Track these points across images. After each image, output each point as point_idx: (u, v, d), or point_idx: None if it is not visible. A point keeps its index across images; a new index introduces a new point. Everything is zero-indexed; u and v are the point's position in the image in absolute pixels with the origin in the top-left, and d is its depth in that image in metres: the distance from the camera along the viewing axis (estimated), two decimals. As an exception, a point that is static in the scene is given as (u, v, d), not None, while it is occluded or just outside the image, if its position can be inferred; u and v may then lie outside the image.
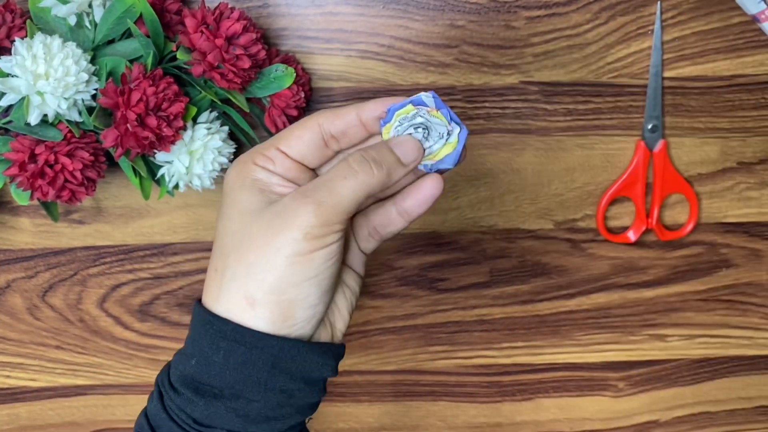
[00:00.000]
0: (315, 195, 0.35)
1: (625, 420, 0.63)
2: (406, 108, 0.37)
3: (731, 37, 0.55)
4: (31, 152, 0.46)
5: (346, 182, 0.35)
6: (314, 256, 0.35)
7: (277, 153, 0.37)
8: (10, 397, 0.59)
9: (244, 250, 0.35)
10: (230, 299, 0.35)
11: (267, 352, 0.35)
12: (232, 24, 0.46)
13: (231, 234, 0.36)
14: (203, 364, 0.36)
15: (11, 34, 0.46)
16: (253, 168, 0.37)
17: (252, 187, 0.36)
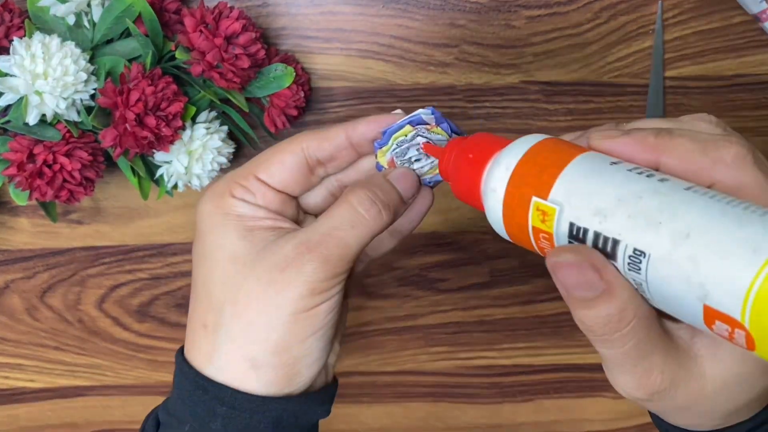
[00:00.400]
0: (320, 248, 0.31)
1: (626, 421, 0.62)
2: (404, 129, 0.34)
3: (732, 37, 0.54)
4: (29, 152, 0.46)
5: (354, 231, 0.32)
6: (319, 309, 0.32)
7: (257, 183, 0.34)
8: (8, 398, 0.59)
9: (241, 306, 0.32)
10: (228, 361, 0.33)
11: (269, 415, 0.33)
12: (232, 23, 0.46)
13: (222, 285, 0.33)
14: (198, 431, 0.33)
15: (10, 33, 0.46)
16: (231, 202, 0.33)
17: (237, 226, 0.33)
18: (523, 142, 0.29)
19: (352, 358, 0.60)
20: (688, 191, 0.25)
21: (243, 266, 0.32)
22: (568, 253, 0.26)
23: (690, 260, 0.24)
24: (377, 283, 0.58)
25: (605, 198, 0.26)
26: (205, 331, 0.33)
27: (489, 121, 0.55)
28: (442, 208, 0.57)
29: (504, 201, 0.29)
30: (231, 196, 0.33)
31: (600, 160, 0.27)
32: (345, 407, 0.61)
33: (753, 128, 0.56)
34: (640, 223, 0.25)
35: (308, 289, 0.31)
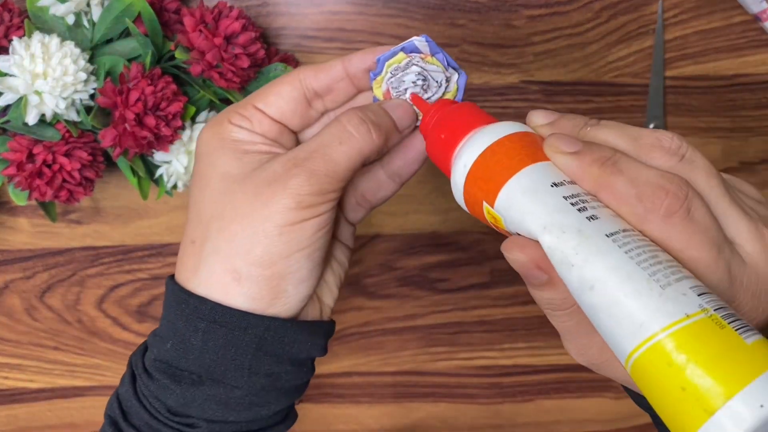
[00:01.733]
0: (308, 162, 0.31)
1: (627, 421, 0.62)
2: (397, 57, 0.33)
3: (733, 37, 0.54)
4: (29, 152, 0.46)
5: (342, 148, 0.32)
6: (306, 225, 0.32)
7: (255, 111, 0.34)
8: (8, 399, 0.59)
9: (227, 220, 0.32)
10: (212, 274, 0.32)
11: (251, 333, 0.32)
12: (231, 23, 0.46)
13: (211, 201, 0.33)
14: (180, 347, 0.32)
15: (9, 33, 0.46)
16: (229, 128, 0.33)
17: (233, 149, 0.33)
18: (486, 135, 0.30)
19: (352, 358, 0.60)
20: (609, 239, 0.26)
21: (233, 183, 0.32)
22: (516, 252, 0.28)
23: (591, 309, 0.26)
24: (377, 283, 0.58)
25: (534, 221, 0.27)
26: (192, 246, 0.33)
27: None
28: (442, 208, 0.57)
29: (464, 196, 0.30)
30: (228, 123, 0.34)
31: (543, 178, 0.28)
32: (345, 407, 0.61)
33: (753, 128, 0.56)
34: (558, 256, 0.26)
35: (294, 201, 0.31)
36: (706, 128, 0.56)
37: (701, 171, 0.30)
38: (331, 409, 0.61)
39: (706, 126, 0.56)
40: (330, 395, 0.60)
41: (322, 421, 0.61)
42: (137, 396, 0.34)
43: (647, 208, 0.27)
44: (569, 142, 0.29)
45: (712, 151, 0.57)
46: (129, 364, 0.35)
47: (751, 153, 0.57)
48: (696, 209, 0.27)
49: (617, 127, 0.30)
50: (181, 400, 0.33)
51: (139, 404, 0.33)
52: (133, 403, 0.34)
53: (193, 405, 0.33)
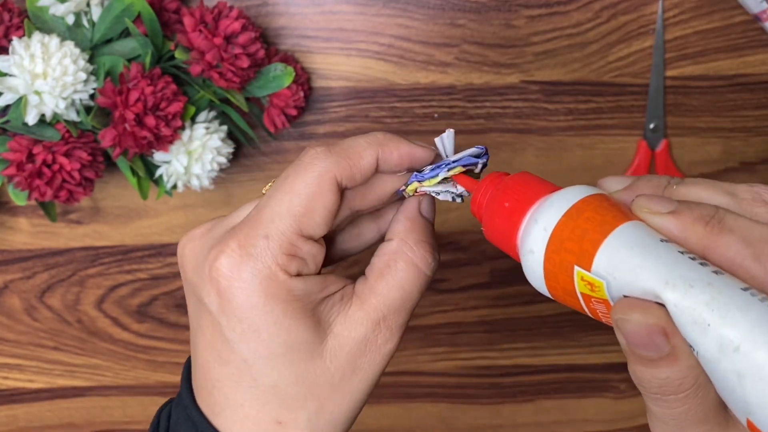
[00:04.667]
0: (388, 320, 0.31)
1: (627, 421, 0.62)
2: (434, 179, 0.31)
3: (733, 37, 0.54)
4: (28, 152, 0.46)
5: (416, 286, 0.32)
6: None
7: (305, 243, 0.28)
8: (7, 399, 0.59)
9: (323, 398, 0.30)
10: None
11: None
12: (231, 23, 0.46)
13: (291, 377, 0.29)
14: None
15: (9, 33, 0.46)
16: (285, 280, 0.27)
17: (300, 312, 0.28)
18: (564, 197, 0.27)
19: (352, 359, 0.60)
20: (745, 293, 0.22)
21: (310, 356, 0.29)
22: (637, 314, 0.24)
23: (737, 375, 0.22)
24: (377, 284, 0.58)
25: (652, 278, 0.23)
26: (279, 428, 0.30)
27: (489, 121, 0.55)
28: (443, 208, 0.57)
29: (544, 265, 0.27)
30: (283, 273, 0.27)
31: (648, 234, 0.25)
32: (345, 408, 0.61)
33: (753, 128, 0.56)
34: (687, 316, 0.23)
35: (387, 361, 0.32)
36: (706, 128, 0.56)
37: None
38: (331, 410, 0.61)
39: (706, 126, 0.56)
40: (330, 395, 0.60)
41: (322, 422, 0.61)
42: None
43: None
44: (662, 201, 0.26)
45: (712, 151, 0.57)
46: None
47: (752, 153, 0.57)
48: None
49: (707, 182, 0.28)
50: None
51: None
52: None
53: None
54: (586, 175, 0.57)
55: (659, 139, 0.56)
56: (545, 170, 0.56)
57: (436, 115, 0.55)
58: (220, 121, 0.50)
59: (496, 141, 0.55)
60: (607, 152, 0.56)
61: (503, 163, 0.56)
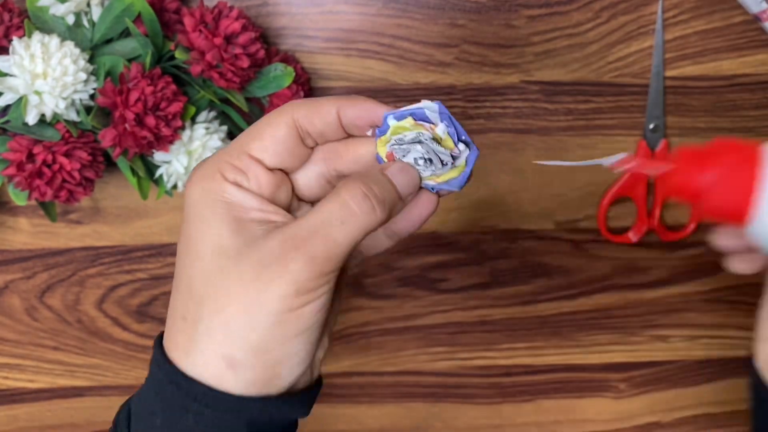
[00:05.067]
0: (307, 245, 0.30)
1: (627, 421, 0.62)
2: (403, 123, 0.32)
3: (733, 37, 0.54)
4: (29, 152, 0.46)
5: (344, 228, 0.30)
6: (305, 310, 0.30)
7: (251, 162, 0.32)
8: (8, 399, 0.59)
9: (221, 302, 0.30)
10: (205, 358, 0.31)
11: (244, 415, 0.31)
12: (231, 23, 0.46)
13: (203, 278, 0.31)
14: (170, 426, 0.32)
15: (9, 33, 0.46)
16: (222, 185, 0.31)
17: (225, 216, 0.31)
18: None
19: (352, 358, 0.60)
20: None
21: (227, 260, 0.31)
22: None
23: None
24: (377, 283, 0.58)
25: None
26: (184, 323, 0.32)
27: (489, 121, 0.55)
28: (442, 208, 0.57)
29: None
30: (223, 179, 0.31)
31: None
32: (345, 407, 0.61)
33: (753, 128, 0.56)
34: None
35: (293, 288, 0.30)
36: (706, 128, 0.56)
37: None
38: (331, 409, 0.61)
39: (706, 126, 0.56)
40: (330, 395, 0.60)
41: (322, 421, 0.61)
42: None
43: None
44: None
45: (712, 151, 0.57)
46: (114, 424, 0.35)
47: (751, 153, 0.57)
48: None
49: None
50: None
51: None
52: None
53: None
54: (586, 175, 0.57)
55: (659, 139, 0.56)
56: (545, 170, 0.56)
57: (436, 115, 0.55)
58: (220, 121, 0.50)
59: (496, 141, 0.56)
60: (607, 152, 0.56)
61: (503, 163, 0.56)
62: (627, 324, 0.60)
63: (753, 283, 0.60)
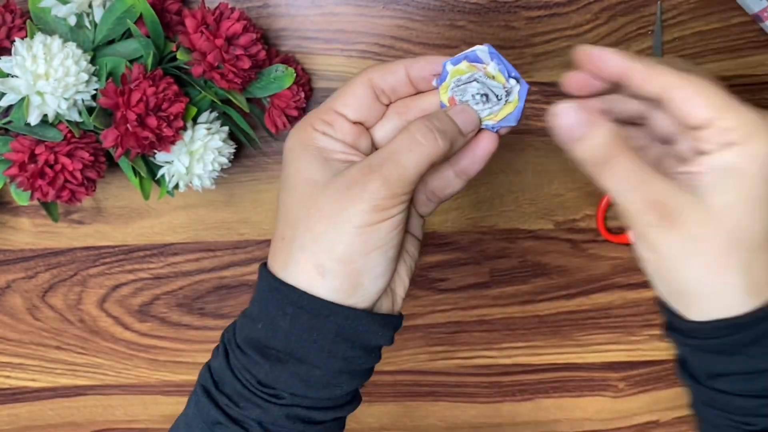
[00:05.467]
0: (382, 169, 0.35)
1: (626, 420, 0.62)
2: (459, 67, 0.37)
3: (732, 37, 0.55)
4: (31, 152, 0.46)
5: (411, 155, 0.35)
6: (381, 226, 0.35)
7: (336, 116, 0.38)
8: (10, 398, 0.59)
9: (313, 220, 0.36)
10: (299, 267, 0.36)
11: (332, 321, 0.36)
12: (232, 24, 0.46)
13: (297, 203, 0.37)
14: (269, 328, 0.36)
15: (11, 34, 0.46)
16: (313, 134, 0.37)
17: (316, 156, 0.37)
18: None
19: (353, 358, 0.60)
20: None
21: (317, 187, 0.36)
22: None
23: None
24: (377, 283, 0.58)
25: None
26: (282, 242, 0.37)
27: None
28: (442, 208, 0.57)
29: None
30: (313, 129, 0.37)
31: None
32: (345, 406, 0.61)
33: (752, 129, 0.56)
34: None
35: (371, 205, 0.35)
36: (705, 129, 0.56)
37: None
38: (331, 408, 0.61)
39: (705, 126, 0.56)
40: (330, 394, 0.61)
41: (322, 420, 0.61)
42: (230, 368, 0.37)
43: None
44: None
45: (711, 152, 0.57)
46: (222, 339, 0.39)
47: (750, 153, 0.57)
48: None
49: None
50: (269, 375, 0.37)
51: (231, 375, 0.37)
52: (227, 374, 0.37)
53: (280, 380, 0.37)
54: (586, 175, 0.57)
55: (658, 140, 0.56)
56: (544, 170, 0.56)
57: (436, 116, 0.55)
58: (221, 121, 0.51)
59: (496, 141, 0.56)
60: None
61: (503, 163, 0.56)
62: (626, 323, 0.60)
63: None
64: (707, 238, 0.33)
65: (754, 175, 0.33)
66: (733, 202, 0.33)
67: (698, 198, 0.33)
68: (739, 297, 0.34)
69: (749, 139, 0.33)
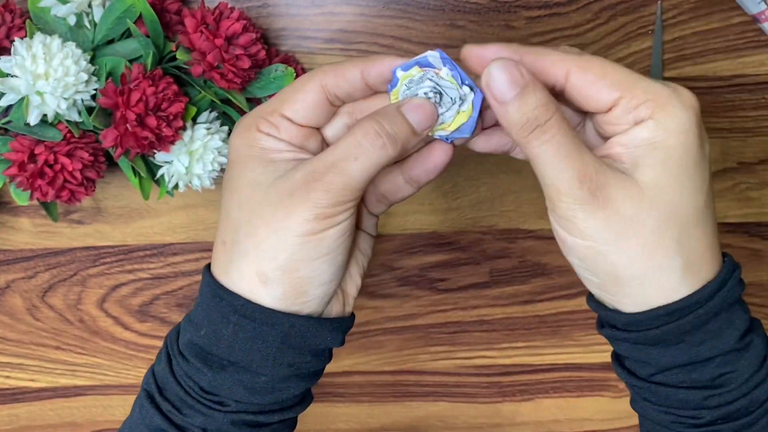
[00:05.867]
0: (325, 177, 0.33)
1: (626, 420, 0.62)
2: (410, 72, 0.35)
3: (732, 37, 0.55)
4: (30, 152, 0.46)
5: (357, 163, 0.33)
6: (326, 234, 0.34)
7: (282, 120, 0.36)
8: (9, 398, 0.59)
9: (254, 225, 0.34)
10: (241, 274, 0.35)
11: (277, 329, 0.35)
12: (232, 24, 0.46)
13: (239, 206, 0.35)
14: (212, 336, 0.36)
15: (11, 34, 0.46)
16: (257, 136, 0.36)
17: (260, 157, 0.35)
18: None
19: (352, 358, 0.60)
20: None
21: (259, 191, 0.35)
22: None
23: None
24: (377, 283, 0.59)
25: None
26: (224, 247, 0.36)
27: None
28: (442, 208, 0.57)
29: None
30: (257, 131, 0.36)
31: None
32: (345, 406, 0.61)
33: (751, 128, 0.56)
34: None
35: (314, 214, 0.33)
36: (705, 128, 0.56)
37: None
38: (331, 408, 0.61)
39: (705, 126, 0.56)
40: (330, 394, 0.61)
41: (322, 420, 0.61)
42: (173, 374, 0.37)
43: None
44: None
45: (711, 152, 0.57)
46: (165, 344, 0.38)
47: (750, 153, 0.57)
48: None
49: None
50: (212, 382, 0.36)
51: (174, 382, 0.36)
52: (169, 380, 0.37)
53: (223, 387, 0.36)
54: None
55: (658, 140, 0.56)
56: (544, 170, 0.56)
57: (436, 116, 0.55)
58: (221, 121, 0.51)
59: (496, 141, 0.56)
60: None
61: (502, 163, 0.56)
62: (626, 323, 0.60)
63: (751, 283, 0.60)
64: (639, 216, 0.32)
65: (675, 147, 0.32)
66: (660, 177, 0.32)
67: (627, 176, 0.32)
68: (676, 279, 0.33)
69: (660, 112, 0.32)
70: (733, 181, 0.57)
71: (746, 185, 0.58)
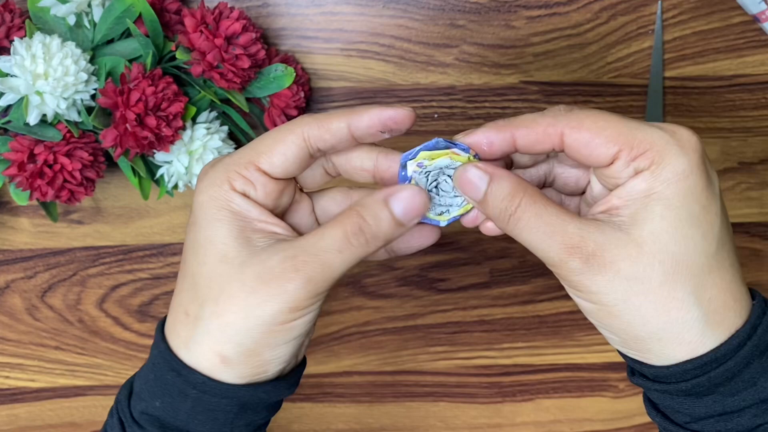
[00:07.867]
0: (306, 267, 0.32)
1: (626, 421, 0.62)
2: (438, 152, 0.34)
3: (732, 37, 0.55)
4: (30, 152, 0.46)
5: (340, 256, 0.32)
6: (295, 324, 0.33)
7: (259, 175, 0.34)
8: (9, 398, 0.59)
9: (221, 307, 0.33)
10: (202, 352, 0.34)
11: (235, 400, 0.34)
12: (232, 24, 0.46)
13: (206, 280, 0.33)
14: (169, 408, 0.35)
15: (10, 33, 0.46)
16: (230, 195, 0.33)
17: (231, 225, 0.33)
18: None
19: (352, 358, 0.60)
20: None
21: (230, 268, 0.33)
22: None
23: None
24: (377, 283, 0.58)
25: None
26: (186, 318, 0.34)
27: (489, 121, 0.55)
28: (442, 208, 0.57)
29: None
30: (230, 189, 0.33)
31: None
32: (345, 406, 0.61)
33: (752, 128, 0.56)
34: None
35: (288, 306, 0.32)
36: (705, 129, 0.56)
37: None
38: (331, 408, 0.61)
39: (705, 126, 0.56)
40: (330, 394, 0.60)
41: (322, 420, 0.61)
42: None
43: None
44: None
45: (711, 152, 0.57)
46: (116, 406, 0.37)
47: (750, 153, 0.57)
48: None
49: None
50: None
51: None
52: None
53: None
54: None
55: (658, 140, 0.56)
56: (545, 170, 0.56)
57: (435, 116, 0.55)
58: (221, 121, 0.50)
59: (496, 141, 0.56)
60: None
61: (503, 163, 0.56)
62: (626, 323, 0.60)
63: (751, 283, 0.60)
64: (643, 274, 0.30)
65: (674, 196, 0.31)
66: (659, 230, 0.31)
67: (624, 233, 0.31)
68: (698, 332, 0.31)
69: (659, 161, 0.31)
70: (733, 181, 0.57)
71: (746, 185, 0.58)
